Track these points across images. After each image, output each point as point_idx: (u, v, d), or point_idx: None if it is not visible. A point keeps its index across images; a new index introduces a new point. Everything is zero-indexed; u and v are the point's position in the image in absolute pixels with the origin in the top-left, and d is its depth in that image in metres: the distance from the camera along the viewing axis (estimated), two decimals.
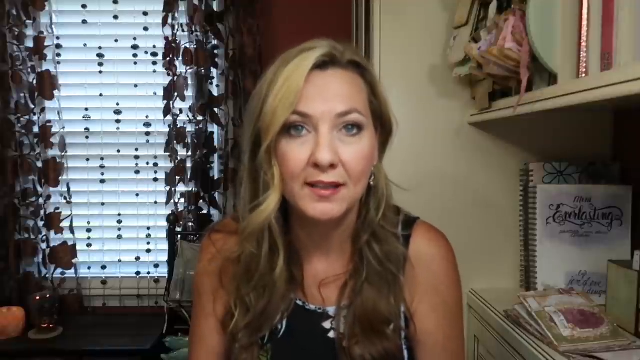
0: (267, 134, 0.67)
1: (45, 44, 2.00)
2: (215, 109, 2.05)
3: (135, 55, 2.11)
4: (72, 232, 2.08)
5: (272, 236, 0.72)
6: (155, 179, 2.14)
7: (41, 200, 2.04)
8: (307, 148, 0.66)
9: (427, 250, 0.77)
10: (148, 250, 2.16)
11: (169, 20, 1.99)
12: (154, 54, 2.10)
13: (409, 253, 0.76)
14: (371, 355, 0.71)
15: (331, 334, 0.75)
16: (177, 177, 2.05)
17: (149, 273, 2.15)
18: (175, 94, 2.02)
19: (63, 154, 2.06)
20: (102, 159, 2.14)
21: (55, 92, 2.03)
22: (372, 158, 0.72)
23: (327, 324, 0.76)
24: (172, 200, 2.05)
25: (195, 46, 1.99)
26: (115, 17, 2.10)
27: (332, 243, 0.77)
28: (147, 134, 2.13)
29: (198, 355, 0.82)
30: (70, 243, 2.08)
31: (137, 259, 2.16)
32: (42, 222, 2.06)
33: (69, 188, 2.07)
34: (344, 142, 0.67)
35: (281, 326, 0.76)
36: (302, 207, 0.68)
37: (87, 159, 2.13)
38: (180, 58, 2.01)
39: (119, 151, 2.14)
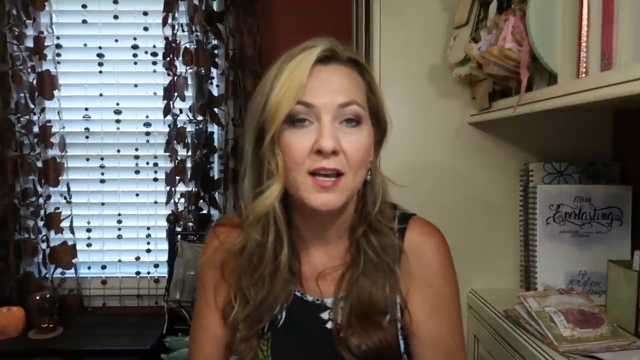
0: (272, 124, 0.70)
1: (45, 44, 2.00)
2: (215, 109, 2.05)
3: (135, 55, 2.11)
4: (72, 232, 2.08)
5: (277, 225, 0.75)
6: (155, 179, 2.14)
7: (41, 200, 2.04)
8: (311, 137, 0.70)
9: (422, 243, 0.79)
10: (148, 250, 2.16)
11: (169, 20, 1.99)
12: (154, 54, 2.10)
13: (404, 246, 0.78)
14: (367, 345, 0.72)
15: (329, 325, 0.77)
16: (177, 177, 2.05)
17: (149, 273, 2.16)
18: (175, 94, 2.02)
19: (63, 154, 2.06)
20: (102, 159, 2.14)
21: (55, 92, 2.03)
22: (370, 150, 0.75)
23: (325, 315, 0.77)
24: (172, 200, 2.05)
25: (195, 46, 1.99)
26: (115, 17, 2.10)
27: (330, 235, 0.79)
28: (147, 134, 2.13)
29: (200, 344, 0.84)
30: (70, 243, 2.08)
31: (137, 259, 2.16)
32: (42, 222, 2.05)
33: (69, 188, 2.07)
34: (345, 133, 0.71)
35: (281, 316, 0.78)
36: (304, 197, 0.71)
37: (87, 159, 2.13)
38: (180, 58, 2.01)
39: (119, 151, 2.14)
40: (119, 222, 2.16)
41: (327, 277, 0.79)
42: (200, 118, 2.02)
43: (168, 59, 2.00)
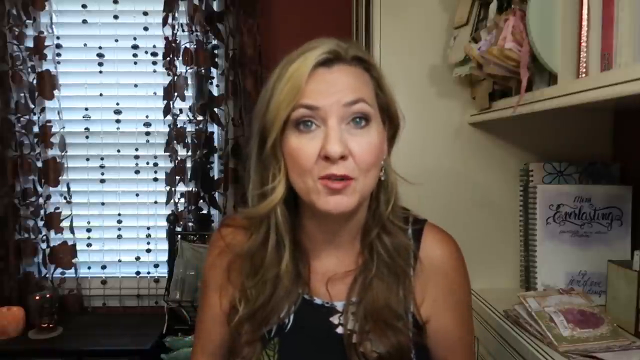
0: (272, 129, 0.69)
1: (45, 43, 2.00)
2: (215, 109, 2.05)
3: (135, 55, 2.11)
4: (72, 232, 2.08)
5: (278, 232, 0.74)
6: (155, 179, 2.14)
7: (41, 200, 2.04)
8: (317, 142, 0.68)
9: (439, 252, 0.79)
10: (148, 250, 2.16)
11: (169, 20, 1.99)
12: (154, 54, 2.10)
13: (420, 254, 0.77)
14: (384, 348, 0.71)
15: (339, 330, 0.75)
16: (177, 177, 2.05)
17: (149, 273, 2.15)
18: (175, 94, 2.02)
19: (63, 154, 2.06)
20: (102, 159, 2.13)
21: (55, 92, 2.03)
22: (381, 150, 0.73)
23: (334, 319, 0.76)
24: (172, 200, 2.05)
25: (195, 46, 1.99)
26: (115, 17, 2.09)
27: (342, 238, 0.77)
28: (147, 134, 2.13)
29: (201, 344, 0.85)
30: (70, 243, 2.08)
31: (137, 259, 2.16)
32: (42, 222, 2.05)
33: (69, 188, 2.07)
34: (353, 135, 0.69)
35: (288, 320, 0.76)
36: (315, 201, 0.69)
37: (87, 159, 2.13)
38: (180, 58, 2.01)
39: (119, 151, 2.14)
40: (119, 222, 2.16)
41: (337, 282, 0.77)
42: (200, 118, 2.02)
43: (168, 59, 2.00)
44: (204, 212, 2.08)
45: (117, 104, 2.13)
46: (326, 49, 0.70)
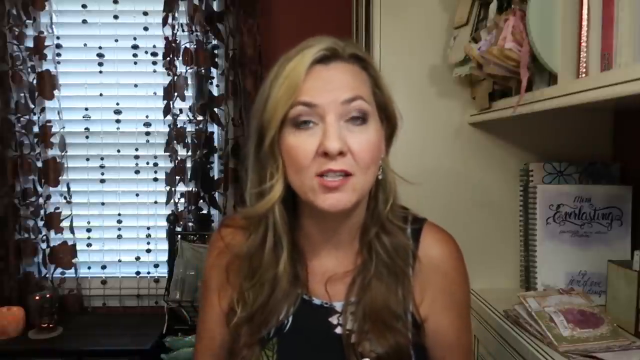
0: (270, 127, 0.69)
1: (46, 43, 2.00)
2: (215, 109, 2.05)
3: (135, 55, 2.11)
4: (72, 232, 2.08)
5: (276, 232, 0.74)
6: (155, 179, 2.14)
7: (41, 200, 2.04)
8: (315, 139, 0.68)
9: (438, 251, 0.78)
10: (148, 250, 2.16)
11: (169, 20, 1.99)
12: (154, 54, 2.10)
13: (419, 254, 0.77)
14: (383, 349, 0.71)
15: (338, 330, 0.75)
16: (177, 177, 2.05)
17: (149, 273, 2.15)
18: (175, 94, 2.02)
19: (63, 154, 2.06)
20: (102, 159, 2.13)
21: (55, 92, 2.03)
22: (379, 148, 0.73)
23: (333, 320, 0.76)
24: (172, 200, 2.05)
25: (195, 46, 1.99)
26: (115, 17, 2.09)
27: (341, 237, 0.77)
28: (147, 134, 2.13)
29: (203, 344, 0.85)
30: (70, 243, 2.08)
31: (137, 258, 2.16)
32: (42, 222, 2.05)
33: (69, 188, 2.07)
34: (351, 132, 0.69)
35: (287, 321, 0.76)
36: (313, 199, 0.69)
37: (87, 159, 2.13)
38: (180, 58, 2.01)
39: (119, 151, 2.14)
40: (119, 222, 2.16)
41: (336, 282, 0.77)
42: (200, 118, 2.02)
43: (168, 59, 2.00)
44: (204, 212, 2.08)
45: (117, 104, 2.12)
46: (323, 47, 0.70)
